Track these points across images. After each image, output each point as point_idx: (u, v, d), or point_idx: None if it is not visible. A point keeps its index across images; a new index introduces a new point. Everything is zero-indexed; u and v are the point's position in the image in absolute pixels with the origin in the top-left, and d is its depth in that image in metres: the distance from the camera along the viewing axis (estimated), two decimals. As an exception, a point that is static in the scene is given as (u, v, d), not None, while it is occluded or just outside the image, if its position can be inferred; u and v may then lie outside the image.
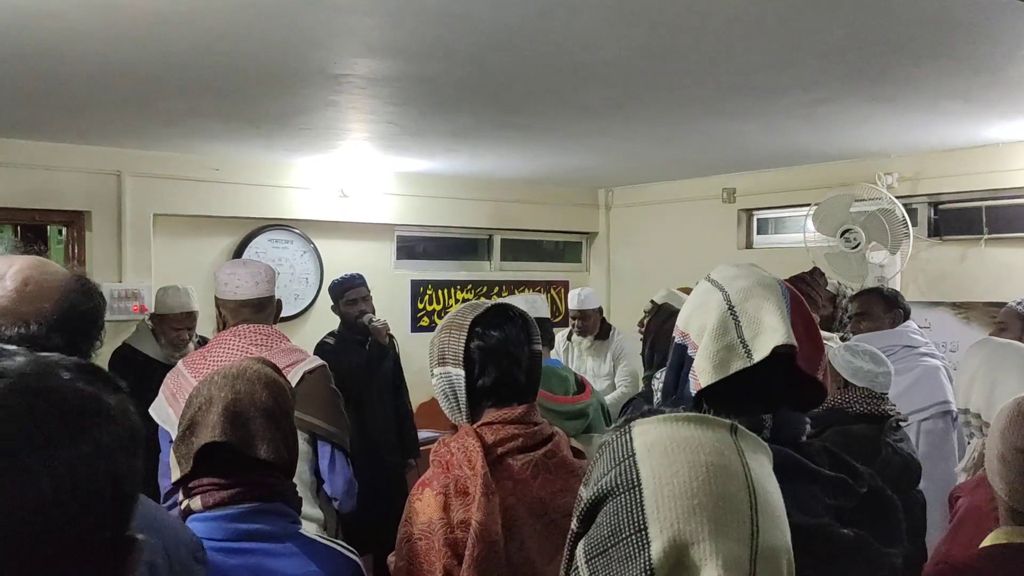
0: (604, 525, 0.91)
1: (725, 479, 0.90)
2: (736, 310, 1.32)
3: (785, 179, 6.04)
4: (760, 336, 1.29)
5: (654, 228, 7.04)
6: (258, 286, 2.76)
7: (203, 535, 1.50)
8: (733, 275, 1.39)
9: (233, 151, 5.18)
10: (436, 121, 4.26)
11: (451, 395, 1.79)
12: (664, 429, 0.94)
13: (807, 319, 1.35)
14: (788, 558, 0.94)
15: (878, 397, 2.91)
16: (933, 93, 3.71)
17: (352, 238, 6.14)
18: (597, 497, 0.94)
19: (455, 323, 1.81)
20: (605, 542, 0.91)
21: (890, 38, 2.93)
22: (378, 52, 3.06)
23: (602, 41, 2.93)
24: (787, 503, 1.21)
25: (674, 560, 0.86)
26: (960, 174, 5.20)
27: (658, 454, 0.92)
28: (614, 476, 0.93)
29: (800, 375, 1.32)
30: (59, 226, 5.28)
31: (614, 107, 4.01)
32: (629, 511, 0.89)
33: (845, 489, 1.28)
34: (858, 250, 5.14)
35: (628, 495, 0.90)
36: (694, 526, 0.87)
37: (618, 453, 0.95)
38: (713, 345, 1.31)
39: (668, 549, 0.86)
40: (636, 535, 0.88)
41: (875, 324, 3.93)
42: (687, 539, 0.86)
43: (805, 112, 4.10)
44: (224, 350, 2.65)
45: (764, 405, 1.31)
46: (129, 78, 3.37)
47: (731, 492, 0.89)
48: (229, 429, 1.57)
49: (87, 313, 1.25)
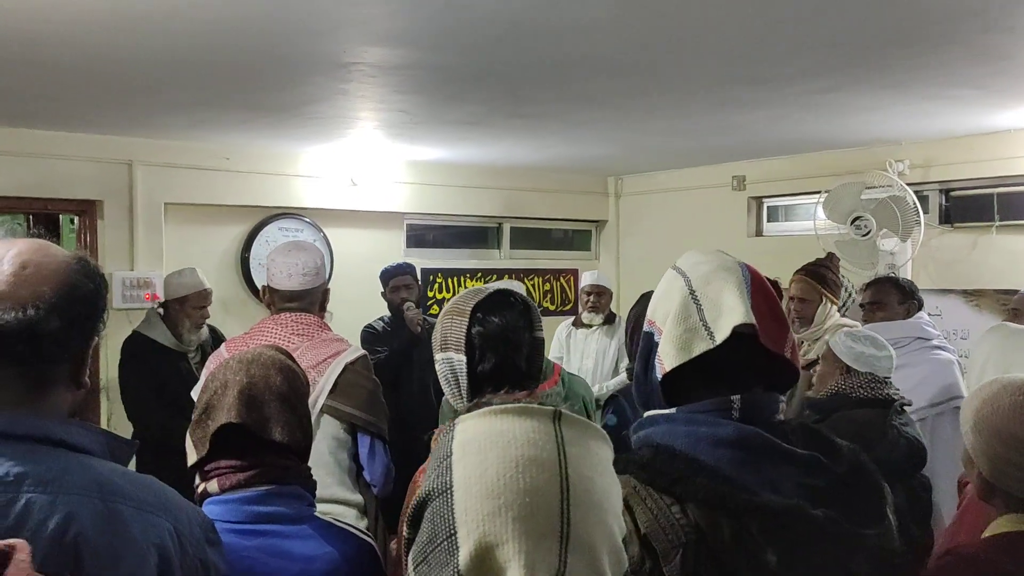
0: (424, 531, 0.92)
1: (535, 472, 0.89)
2: (697, 294, 1.33)
3: (795, 167, 6.03)
4: (721, 318, 1.30)
5: (663, 216, 7.03)
6: (305, 277, 2.74)
7: (219, 517, 1.52)
8: (696, 261, 1.41)
9: (244, 140, 5.20)
10: (446, 109, 4.26)
11: (452, 380, 1.81)
12: (482, 424, 0.94)
13: (769, 299, 1.36)
14: (612, 547, 0.92)
15: (881, 381, 2.93)
16: (945, 80, 3.70)
17: (362, 226, 6.15)
18: (420, 501, 0.94)
19: (457, 308, 1.82)
20: (425, 549, 0.91)
21: (901, 26, 2.92)
22: (388, 40, 3.06)
23: (612, 30, 2.93)
24: (755, 482, 1.22)
25: (479, 564, 0.86)
26: (972, 161, 5.17)
27: (471, 452, 0.91)
28: (434, 479, 0.93)
29: (767, 354, 1.32)
30: (71, 215, 5.31)
31: (624, 96, 4.01)
32: (443, 516, 0.89)
33: (818, 468, 1.27)
34: (868, 237, 5.13)
35: (442, 499, 0.90)
36: (498, 527, 0.86)
37: (440, 453, 0.95)
38: (676, 329, 1.32)
39: (474, 553, 0.86)
40: (447, 540, 0.88)
41: (890, 314, 3.90)
42: (492, 541, 0.86)
43: (815, 100, 4.09)
44: (266, 338, 2.65)
45: (733, 386, 1.31)
46: (140, 67, 3.39)
47: (541, 485, 0.88)
48: (244, 411, 1.58)
49: (88, 296, 1.23)
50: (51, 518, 1.11)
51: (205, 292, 4.37)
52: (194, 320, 4.30)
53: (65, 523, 1.11)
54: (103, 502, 1.15)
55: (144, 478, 1.25)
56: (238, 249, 5.66)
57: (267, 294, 2.83)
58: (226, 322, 5.01)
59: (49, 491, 1.12)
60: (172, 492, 1.29)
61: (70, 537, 1.11)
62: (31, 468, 1.13)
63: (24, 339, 1.14)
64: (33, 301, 1.16)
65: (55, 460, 1.15)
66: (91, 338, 1.25)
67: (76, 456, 1.18)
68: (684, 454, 1.25)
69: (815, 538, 1.22)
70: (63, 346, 1.19)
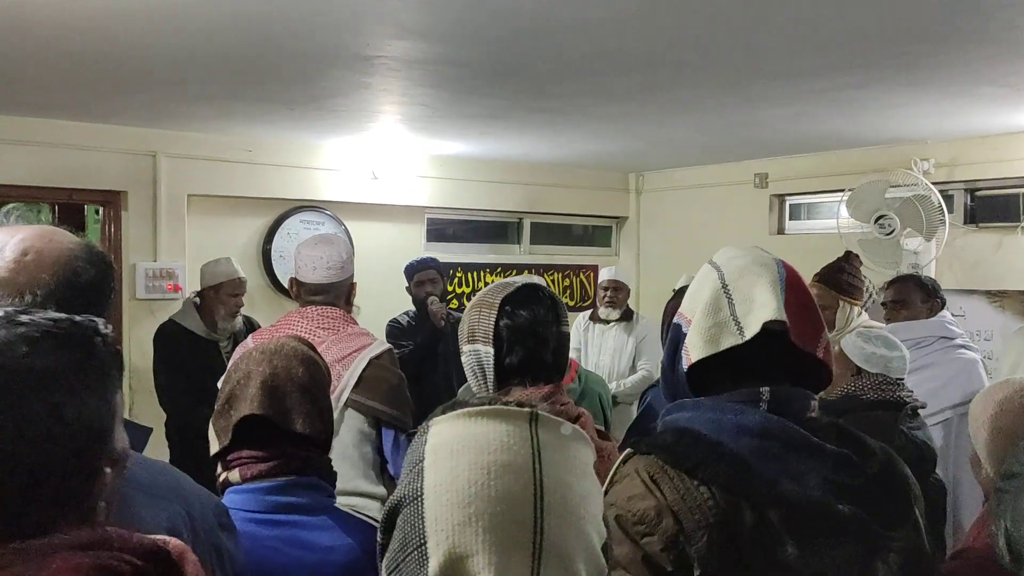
0: (396, 539, 0.90)
1: (509, 479, 0.86)
2: (729, 288, 1.32)
3: (818, 164, 5.98)
4: (752, 313, 1.28)
5: (685, 213, 7.00)
6: (329, 270, 2.76)
7: (240, 506, 1.54)
8: (731, 255, 1.40)
9: (266, 132, 5.23)
10: (468, 104, 4.26)
11: (479, 372, 1.82)
12: (455, 428, 0.91)
13: (805, 297, 1.34)
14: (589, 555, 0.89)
15: (893, 383, 2.86)
16: (972, 78, 3.65)
17: (383, 220, 6.17)
18: (392, 507, 0.92)
19: (485, 301, 1.84)
20: (397, 557, 0.89)
21: (929, 21, 2.88)
22: (411, 34, 3.06)
23: (635, 25, 2.92)
24: (778, 473, 1.21)
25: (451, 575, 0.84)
26: (998, 160, 5.11)
27: (443, 458, 0.89)
28: (406, 484, 0.91)
29: (798, 353, 1.30)
30: (96, 205, 5.37)
31: (646, 91, 3.99)
32: (413, 524, 0.87)
33: (848, 465, 1.25)
34: (892, 236, 5.08)
35: (413, 506, 0.88)
36: (469, 537, 0.84)
37: (413, 456, 0.93)
38: (705, 321, 1.31)
39: (444, 564, 0.84)
40: (418, 550, 0.86)
41: (913, 313, 3.85)
42: (462, 552, 0.84)
43: (841, 96, 4.05)
44: (291, 331, 2.65)
45: (761, 382, 1.29)
46: (165, 59, 3.42)
47: (514, 493, 0.85)
48: (267, 403, 1.59)
49: (90, 283, 1.20)
50: None
51: (239, 281, 4.44)
52: (228, 308, 4.36)
53: None
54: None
55: (158, 464, 1.26)
56: (260, 241, 5.69)
57: (294, 287, 2.85)
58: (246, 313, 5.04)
59: None
60: (185, 478, 1.29)
61: None
62: None
63: None
64: (31, 288, 1.14)
65: None
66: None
67: None
68: (707, 439, 1.25)
69: (838, 535, 1.20)
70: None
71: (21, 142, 4.70)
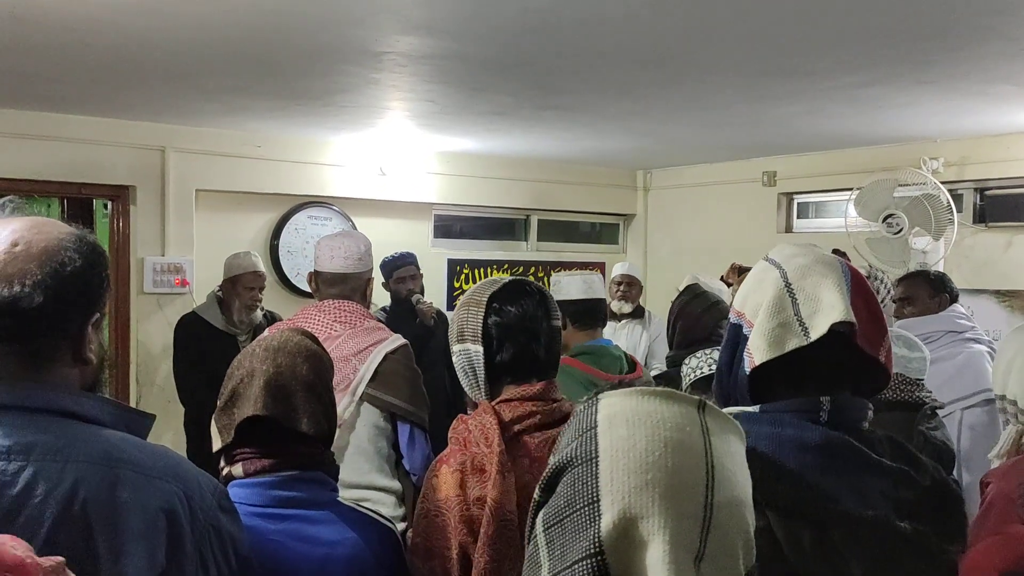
0: (562, 495, 0.92)
1: (682, 455, 0.89)
2: (793, 287, 1.27)
3: (827, 163, 5.96)
4: (818, 314, 1.24)
5: (692, 211, 6.99)
6: (346, 260, 2.80)
7: (243, 500, 1.53)
8: (792, 253, 1.34)
9: (275, 128, 5.23)
10: (476, 100, 4.26)
11: (470, 371, 1.80)
12: (629, 402, 0.94)
13: (869, 298, 1.30)
14: (746, 539, 0.92)
15: (912, 383, 2.83)
16: (983, 76, 3.64)
17: (390, 216, 6.17)
18: (558, 467, 0.95)
19: (473, 299, 1.82)
20: (561, 512, 0.91)
21: (938, 20, 2.87)
22: (420, 30, 3.06)
23: (643, 22, 2.91)
24: (840, 491, 1.18)
25: (622, 533, 0.86)
26: (1007, 160, 5.09)
27: (619, 426, 0.92)
28: (576, 447, 0.94)
29: (861, 356, 1.27)
30: (104, 200, 5.38)
31: (654, 89, 3.98)
32: (585, 483, 0.90)
33: (906, 481, 1.23)
34: (901, 235, 5.06)
35: (585, 467, 0.91)
36: (645, 500, 0.87)
37: (583, 424, 0.96)
38: (769, 322, 1.26)
39: (617, 523, 0.86)
40: (589, 507, 0.89)
41: (920, 309, 3.83)
42: (636, 513, 0.86)
43: (849, 95, 4.04)
44: (308, 325, 2.67)
45: (822, 386, 1.26)
46: (174, 54, 3.42)
47: (687, 468, 0.89)
48: (271, 403, 1.58)
49: (78, 272, 1.20)
50: (59, 486, 1.13)
51: (257, 274, 4.47)
52: (244, 300, 4.39)
53: (73, 490, 1.13)
54: (111, 469, 1.16)
55: (157, 447, 1.27)
56: (267, 237, 5.70)
57: (313, 280, 2.89)
58: (257, 308, 5.06)
59: (58, 459, 1.14)
60: (185, 460, 1.29)
61: (78, 503, 1.13)
62: (41, 438, 1.15)
63: (9, 315, 1.15)
64: (19, 278, 1.16)
65: (64, 430, 1.17)
66: (89, 314, 1.24)
67: (86, 427, 1.20)
68: (766, 456, 1.20)
69: (900, 552, 1.18)
70: (54, 322, 1.19)
71: (30, 136, 4.71)
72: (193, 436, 4.32)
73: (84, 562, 1.11)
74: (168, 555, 1.17)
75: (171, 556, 1.17)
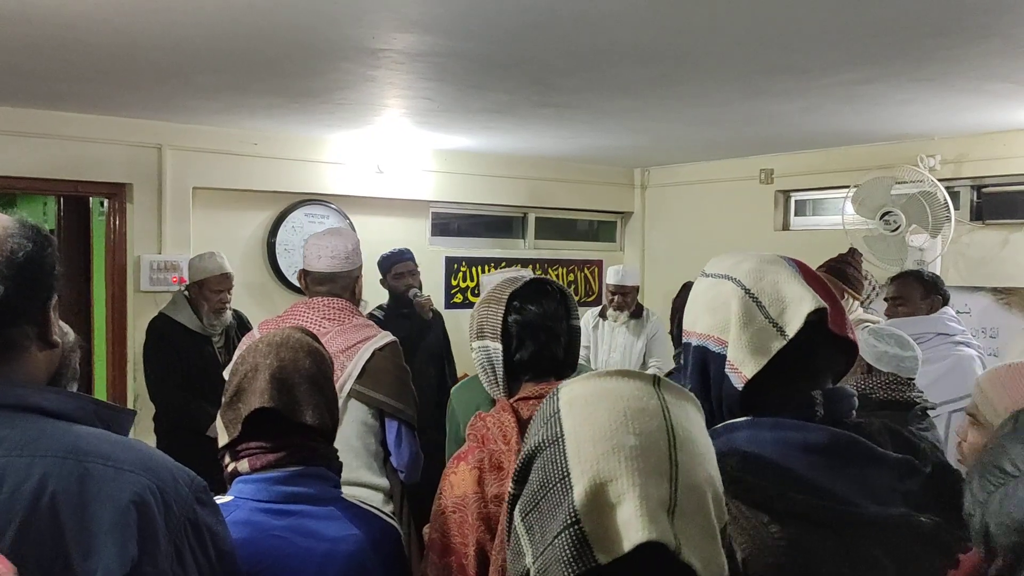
0: (535, 481, 0.95)
1: (643, 420, 0.93)
2: (753, 292, 1.27)
3: (824, 160, 5.97)
4: (787, 311, 1.25)
5: (690, 208, 6.99)
6: (333, 259, 2.79)
7: (249, 496, 1.55)
8: (734, 262, 1.33)
9: (272, 126, 5.23)
10: (473, 98, 4.26)
11: (489, 369, 1.82)
12: (587, 384, 0.98)
13: (822, 282, 1.31)
14: (714, 493, 0.94)
15: (904, 383, 2.83)
16: (980, 74, 3.64)
17: (387, 214, 6.17)
18: (528, 456, 0.97)
19: (494, 297, 1.83)
20: (536, 496, 0.94)
21: (935, 17, 2.87)
22: (417, 27, 3.06)
23: (641, 19, 2.91)
24: (854, 492, 1.17)
25: (594, 499, 0.88)
26: (1005, 157, 5.10)
27: (580, 406, 0.95)
28: (542, 434, 0.96)
29: (835, 339, 1.28)
30: (101, 198, 5.37)
31: (652, 86, 3.98)
32: (554, 462, 0.93)
33: (911, 471, 1.22)
34: (898, 233, 5.07)
35: (553, 448, 0.94)
36: (612, 464, 0.89)
37: (546, 412, 0.99)
38: (744, 334, 1.25)
39: (589, 490, 0.89)
40: (560, 483, 0.91)
41: (912, 309, 3.85)
42: (606, 477, 0.89)
43: (846, 92, 4.04)
44: (297, 321, 2.67)
45: (810, 380, 1.26)
46: (171, 52, 3.41)
47: (648, 431, 0.92)
48: (276, 395, 1.60)
49: (30, 257, 1.21)
50: (27, 481, 1.13)
51: (224, 276, 4.37)
52: (212, 304, 4.31)
53: (41, 485, 1.13)
54: (79, 462, 1.16)
55: (129, 441, 1.26)
56: (264, 234, 5.69)
57: (303, 278, 2.89)
58: (251, 307, 5.06)
59: (24, 454, 1.14)
60: (158, 453, 1.28)
61: (46, 498, 1.13)
62: (7, 433, 1.15)
63: None
64: None
65: (31, 425, 1.17)
66: (48, 297, 1.24)
67: (53, 421, 1.19)
68: (775, 464, 1.19)
69: (922, 548, 1.17)
70: (14, 310, 1.19)
71: (27, 134, 4.70)
72: (162, 438, 4.26)
73: (55, 557, 1.11)
74: (140, 548, 1.16)
75: (144, 549, 1.16)
